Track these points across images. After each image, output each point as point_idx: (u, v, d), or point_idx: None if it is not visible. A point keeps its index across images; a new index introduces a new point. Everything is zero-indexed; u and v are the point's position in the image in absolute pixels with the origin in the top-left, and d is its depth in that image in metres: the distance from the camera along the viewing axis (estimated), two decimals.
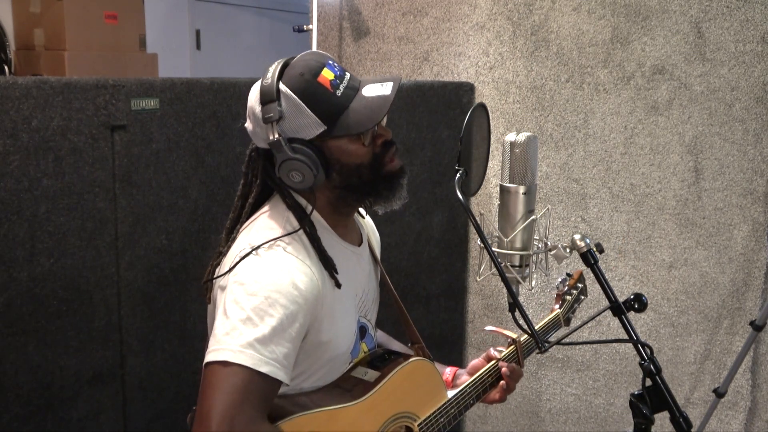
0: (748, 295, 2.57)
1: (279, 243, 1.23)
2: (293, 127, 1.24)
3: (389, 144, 1.32)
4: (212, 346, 1.13)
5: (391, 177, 1.32)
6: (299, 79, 1.23)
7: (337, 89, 1.24)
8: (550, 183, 2.71)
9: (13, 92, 1.62)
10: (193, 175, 1.97)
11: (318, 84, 1.23)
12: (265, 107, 1.23)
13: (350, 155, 1.27)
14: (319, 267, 1.26)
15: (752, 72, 2.44)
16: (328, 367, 1.32)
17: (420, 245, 2.67)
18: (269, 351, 1.12)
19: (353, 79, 1.28)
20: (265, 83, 1.24)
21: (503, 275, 1.20)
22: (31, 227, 1.68)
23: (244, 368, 1.10)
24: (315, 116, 1.23)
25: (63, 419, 1.78)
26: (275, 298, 1.16)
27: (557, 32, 2.63)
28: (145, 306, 1.92)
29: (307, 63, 1.25)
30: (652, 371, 1.21)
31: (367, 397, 1.29)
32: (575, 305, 1.82)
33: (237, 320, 1.14)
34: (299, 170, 1.24)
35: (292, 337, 1.17)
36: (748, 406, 2.64)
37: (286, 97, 1.23)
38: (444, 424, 1.43)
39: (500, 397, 1.55)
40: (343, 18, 3.09)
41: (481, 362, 1.57)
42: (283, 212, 1.29)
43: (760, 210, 2.51)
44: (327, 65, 1.25)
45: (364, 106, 1.25)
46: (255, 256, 1.21)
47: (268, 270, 1.19)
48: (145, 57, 3.85)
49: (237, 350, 1.11)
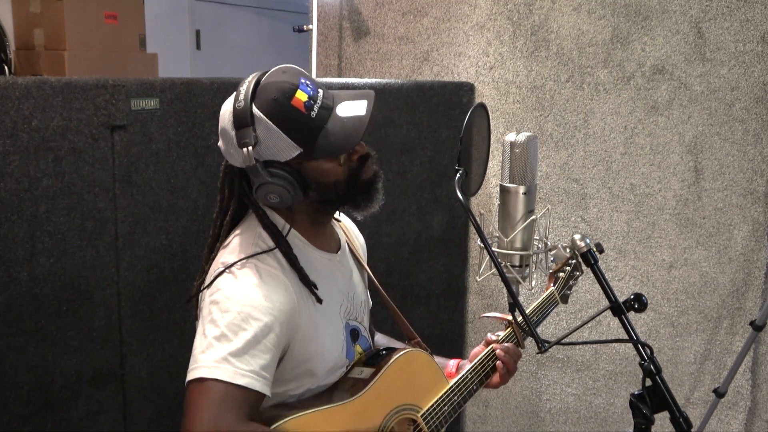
0: (748, 295, 2.57)
1: (252, 260, 1.23)
2: (269, 151, 1.23)
3: (365, 157, 1.32)
4: (190, 366, 1.15)
5: (367, 186, 1.32)
6: (273, 103, 1.21)
7: (312, 110, 1.23)
8: (550, 183, 2.71)
9: (13, 92, 1.62)
10: (193, 175, 1.97)
11: (292, 107, 1.22)
12: (239, 131, 1.22)
13: (327, 174, 1.28)
14: (294, 280, 1.26)
15: (752, 72, 2.44)
16: (325, 374, 1.32)
17: (420, 245, 2.67)
18: (245, 363, 1.13)
19: (326, 97, 1.27)
20: (237, 106, 1.23)
21: (503, 275, 1.20)
22: (31, 227, 1.68)
23: (220, 382, 1.11)
24: (290, 140, 1.22)
25: (63, 419, 1.78)
26: (248, 312, 1.17)
27: (557, 32, 2.63)
28: (145, 306, 1.91)
29: (281, 86, 1.23)
30: (652, 371, 1.21)
31: (363, 393, 1.29)
32: (570, 282, 1.78)
33: (212, 337, 1.15)
34: (276, 193, 1.25)
35: (268, 348, 1.17)
36: (748, 406, 2.64)
37: (260, 122, 1.22)
38: (449, 412, 1.42)
39: (501, 380, 1.53)
40: (343, 18, 3.09)
41: (481, 348, 1.56)
42: (256, 229, 1.30)
43: (760, 210, 2.51)
44: (300, 86, 1.23)
45: (340, 128, 1.25)
46: (228, 275, 1.22)
47: (240, 286, 1.20)
48: (145, 57, 3.84)
49: (212, 366, 1.12)
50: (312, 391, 1.31)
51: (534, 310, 1.65)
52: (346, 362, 1.37)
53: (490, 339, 1.57)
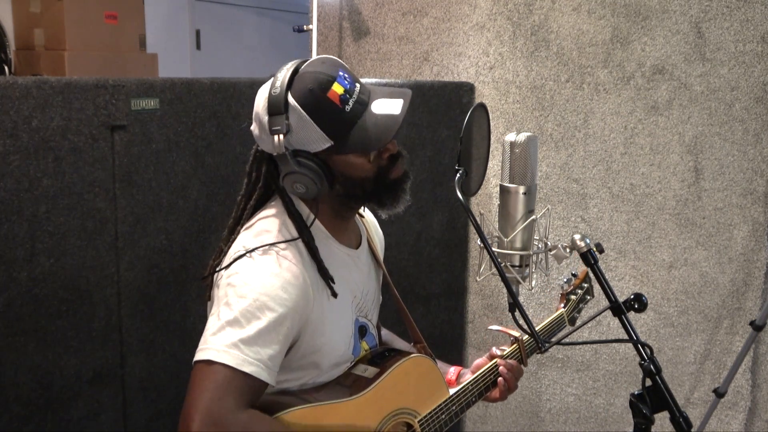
0: (748, 295, 2.57)
1: (273, 248, 1.23)
2: (300, 140, 1.24)
3: (395, 157, 1.31)
4: (200, 346, 1.15)
5: (394, 185, 1.31)
6: (308, 93, 1.21)
7: (347, 104, 1.23)
8: (550, 183, 2.71)
9: (13, 92, 1.62)
10: (193, 175, 1.97)
11: (327, 99, 1.21)
12: (272, 118, 1.22)
13: (355, 169, 1.28)
14: (312, 272, 1.26)
15: (752, 72, 2.44)
16: (329, 367, 1.32)
17: (420, 245, 2.67)
18: (254, 352, 1.14)
19: (363, 92, 1.26)
20: (273, 92, 1.23)
21: (503, 275, 1.20)
22: (31, 227, 1.68)
23: (227, 367, 1.11)
24: (323, 132, 1.22)
25: (63, 419, 1.78)
26: (264, 301, 1.17)
27: (557, 32, 2.63)
28: (145, 306, 1.92)
29: (317, 77, 1.22)
30: (652, 371, 1.21)
31: (365, 393, 1.30)
32: (581, 305, 1.81)
33: (225, 321, 1.15)
34: (303, 183, 1.25)
35: (279, 339, 1.18)
36: (748, 406, 2.64)
37: (294, 111, 1.22)
38: (445, 421, 1.43)
39: (501, 396, 1.55)
40: (343, 18, 3.09)
41: (484, 361, 1.58)
42: (281, 216, 1.30)
43: (760, 210, 2.51)
44: (338, 78, 1.23)
45: (373, 124, 1.24)
46: (248, 259, 1.22)
47: (259, 273, 1.20)
48: (145, 57, 3.85)
49: (222, 350, 1.12)
50: (314, 383, 1.31)
51: (542, 329, 1.67)
52: (351, 358, 1.37)
53: (494, 353, 1.57)
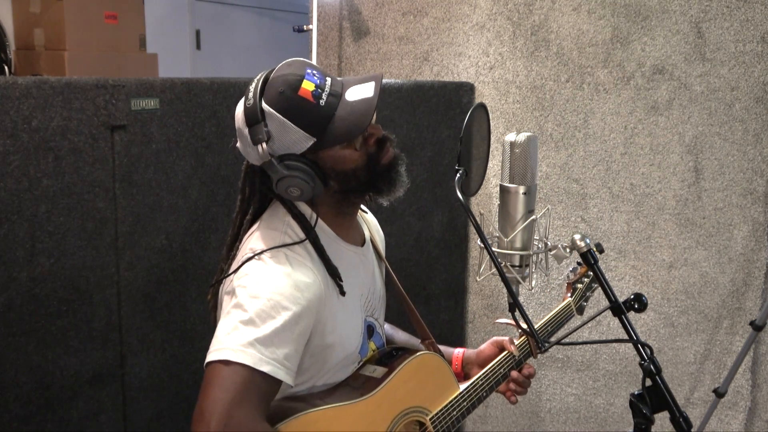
0: (748, 295, 2.57)
1: (282, 249, 1.24)
2: (283, 145, 1.24)
3: (382, 141, 1.31)
4: (213, 346, 1.14)
5: (388, 169, 1.31)
6: (280, 96, 1.22)
7: (320, 99, 1.23)
8: (550, 183, 2.71)
9: (13, 92, 1.62)
10: (193, 175, 1.97)
11: (300, 98, 1.22)
12: (252, 129, 1.23)
13: (345, 161, 1.28)
14: (322, 271, 1.27)
15: (752, 72, 2.44)
16: (337, 368, 1.32)
17: (420, 245, 2.67)
18: (270, 351, 1.13)
19: (335, 84, 1.27)
20: (248, 104, 1.24)
21: (503, 275, 1.20)
22: (31, 227, 1.68)
23: (244, 367, 1.10)
24: (302, 131, 1.23)
25: (63, 419, 1.78)
26: (277, 300, 1.16)
27: (557, 32, 2.63)
28: (145, 306, 1.91)
29: (286, 78, 1.23)
30: (652, 371, 1.21)
31: (374, 393, 1.29)
32: (587, 293, 1.78)
33: (239, 321, 1.14)
34: (296, 186, 1.25)
35: (294, 338, 1.17)
36: (748, 406, 2.64)
37: (271, 117, 1.22)
38: (457, 417, 1.42)
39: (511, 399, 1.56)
40: (343, 18, 3.09)
41: (491, 349, 1.56)
42: (283, 217, 1.30)
43: (760, 210, 2.51)
44: (306, 76, 1.23)
45: (350, 112, 1.24)
46: (258, 261, 1.22)
47: (270, 273, 1.20)
48: (145, 57, 3.84)
49: (238, 349, 1.11)
50: (322, 386, 1.31)
51: (549, 320, 1.66)
52: (359, 358, 1.37)
53: (505, 344, 1.55)
